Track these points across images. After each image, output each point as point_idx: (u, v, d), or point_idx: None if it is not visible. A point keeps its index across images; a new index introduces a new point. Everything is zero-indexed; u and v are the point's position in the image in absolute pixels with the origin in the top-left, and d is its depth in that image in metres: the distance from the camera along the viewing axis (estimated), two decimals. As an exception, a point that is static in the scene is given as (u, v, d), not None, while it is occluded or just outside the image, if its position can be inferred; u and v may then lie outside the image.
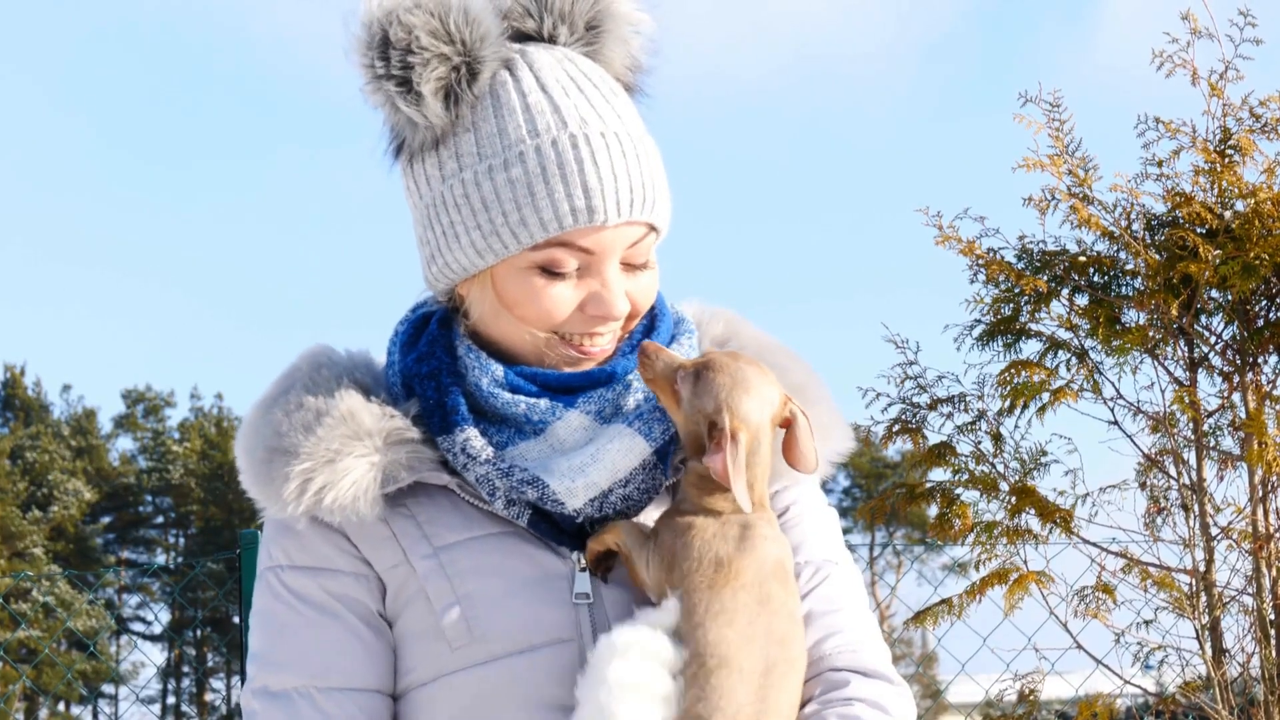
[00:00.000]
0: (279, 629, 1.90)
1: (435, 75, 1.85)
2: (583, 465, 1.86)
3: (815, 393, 2.00)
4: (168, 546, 53.72)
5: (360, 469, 1.85)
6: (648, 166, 1.89)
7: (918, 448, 5.08)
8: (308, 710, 1.85)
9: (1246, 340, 4.78)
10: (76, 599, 42.55)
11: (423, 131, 1.88)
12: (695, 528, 1.81)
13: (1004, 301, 4.94)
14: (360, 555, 1.91)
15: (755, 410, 1.83)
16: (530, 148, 1.85)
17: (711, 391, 1.83)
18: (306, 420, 1.88)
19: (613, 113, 1.89)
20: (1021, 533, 4.93)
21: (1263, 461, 4.61)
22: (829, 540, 2.02)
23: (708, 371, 1.84)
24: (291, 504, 1.85)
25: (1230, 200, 4.72)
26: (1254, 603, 4.76)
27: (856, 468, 49.58)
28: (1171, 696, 4.98)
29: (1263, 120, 4.78)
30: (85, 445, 51.89)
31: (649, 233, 1.91)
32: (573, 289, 1.89)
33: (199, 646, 49.03)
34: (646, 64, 2.00)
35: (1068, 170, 4.81)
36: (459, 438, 1.89)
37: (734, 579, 1.79)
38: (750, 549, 1.81)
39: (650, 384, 1.88)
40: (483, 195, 1.86)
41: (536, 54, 1.92)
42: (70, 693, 41.61)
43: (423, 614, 1.87)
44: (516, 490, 1.86)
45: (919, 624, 5.24)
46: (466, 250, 1.89)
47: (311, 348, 2.00)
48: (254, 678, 1.90)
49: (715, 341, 2.07)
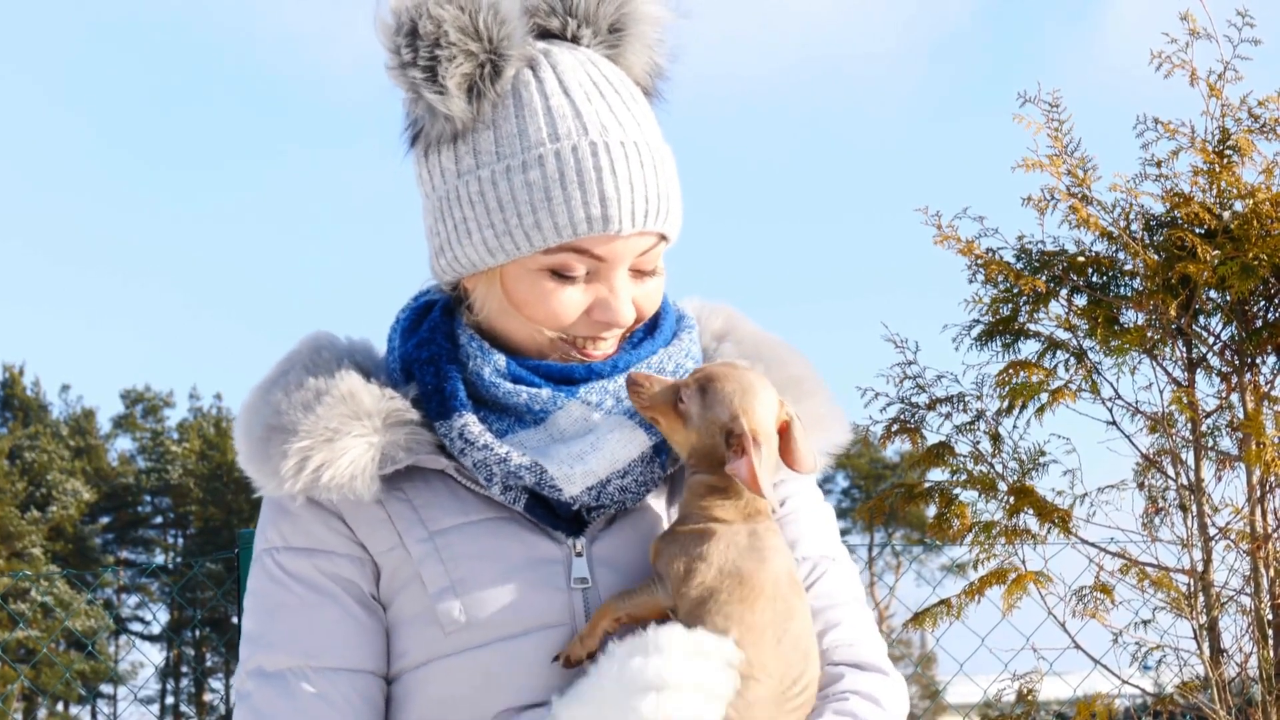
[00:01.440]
0: (274, 610, 1.91)
1: (461, 70, 1.86)
2: (582, 453, 1.88)
3: (811, 385, 2.02)
4: (166, 546, 53.70)
5: (359, 448, 1.86)
6: (664, 177, 1.91)
7: (916, 448, 5.08)
8: (302, 690, 1.86)
9: (1245, 341, 4.78)
10: (75, 599, 42.53)
11: (443, 123, 1.89)
12: (708, 538, 1.82)
13: (1003, 301, 4.94)
14: (355, 538, 1.92)
15: (765, 413, 1.86)
16: (550, 152, 1.86)
17: (723, 401, 1.84)
18: (306, 399, 1.89)
19: (632, 120, 1.91)
20: (1020, 533, 4.93)
21: (1261, 462, 4.61)
22: (825, 535, 2.04)
23: (714, 383, 1.86)
24: (289, 481, 1.86)
25: (1229, 201, 4.73)
26: (1252, 603, 4.76)
27: (855, 468, 49.56)
28: (1169, 697, 4.98)
29: (1261, 120, 4.78)
30: (84, 445, 51.87)
31: (659, 241, 1.93)
32: (581, 293, 1.90)
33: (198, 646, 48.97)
34: (667, 69, 2.02)
35: (1067, 170, 4.81)
36: (457, 422, 1.90)
37: (760, 593, 1.81)
38: (765, 561, 1.83)
39: (646, 411, 1.89)
40: (499, 195, 1.87)
41: (560, 54, 1.94)
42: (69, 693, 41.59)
43: (417, 597, 1.88)
44: (514, 476, 1.88)
45: (918, 625, 5.24)
46: (478, 247, 1.90)
47: (312, 333, 2.02)
48: (248, 658, 1.91)
49: (715, 336, 2.09)
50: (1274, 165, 4.72)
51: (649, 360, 1.96)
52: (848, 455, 5.44)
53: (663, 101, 2.01)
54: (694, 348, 2.02)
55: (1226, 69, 4.80)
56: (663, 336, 1.99)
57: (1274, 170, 4.71)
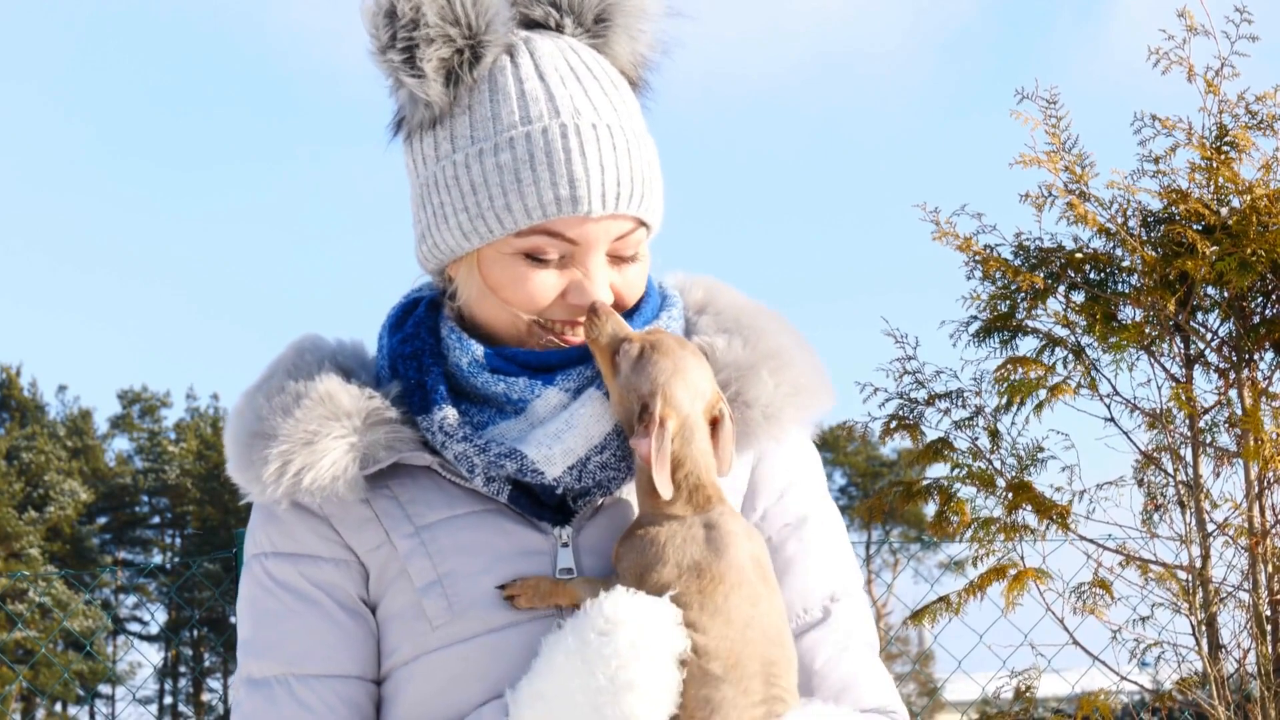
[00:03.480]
0: (260, 616, 1.92)
1: (438, 55, 1.87)
2: (558, 432, 1.87)
3: (790, 355, 1.98)
4: (164, 546, 53.66)
5: (339, 450, 1.86)
6: (639, 161, 1.90)
7: (915, 444, 5.08)
8: (285, 698, 1.87)
9: (1243, 336, 4.78)
10: (73, 599, 42.46)
11: (422, 109, 1.90)
12: (661, 536, 1.80)
13: (1000, 298, 4.94)
14: (342, 541, 1.92)
15: (688, 399, 1.83)
16: (520, 134, 1.86)
17: (649, 374, 1.82)
18: (285, 403, 1.90)
19: (609, 105, 1.90)
20: (1019, 529, 4.93)
21: (1259, 457, 4.61)
22: (836, 570, 2.01)
23: (652, 353, 1.84)
24: (271, 486, 1.87)
25: (1226, 196, 4.72)
26: (1250, 598, 4.76)
27: (852, 466, 49.55)
28: (1168, 693, 4.98)
29: (1259, 116, 4.78)
30: (81, 446, 51.82)
31: (638, 227, 1.92)
32: (555, 277, 1.90)
33: (195, 646, 48.92)
34: (653, 60, 2.01)
35: (1064, 167, 4.81)
36: (437, 416, 1.90)
37: (720, 583, 1.78)
38: (724, 550, 1.80)
39: (592, 344, 1.87)
40: (471, 178, 1.88)
41: (540, 42, 1.94)
42: (67, 693, 41.55)
43: (404, 593, 1.88)
44: (495, 465, 1.87)
45: (917, 622, 5.24)
46: (454, 231, 1.91)
47: (299, 336, 2.03)
48: (241, 665, 1.92)
49: (695, 308, 2.06)
50: (1272, 161, 4.72)
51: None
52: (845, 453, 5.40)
53: (650, 92, 2.01)
54: (675, 325, 2.01)
55: (1224, 65, 4.80)
56: (643, 319, 1.98)
57: (1272, 166, 4.71)
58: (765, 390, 1.94)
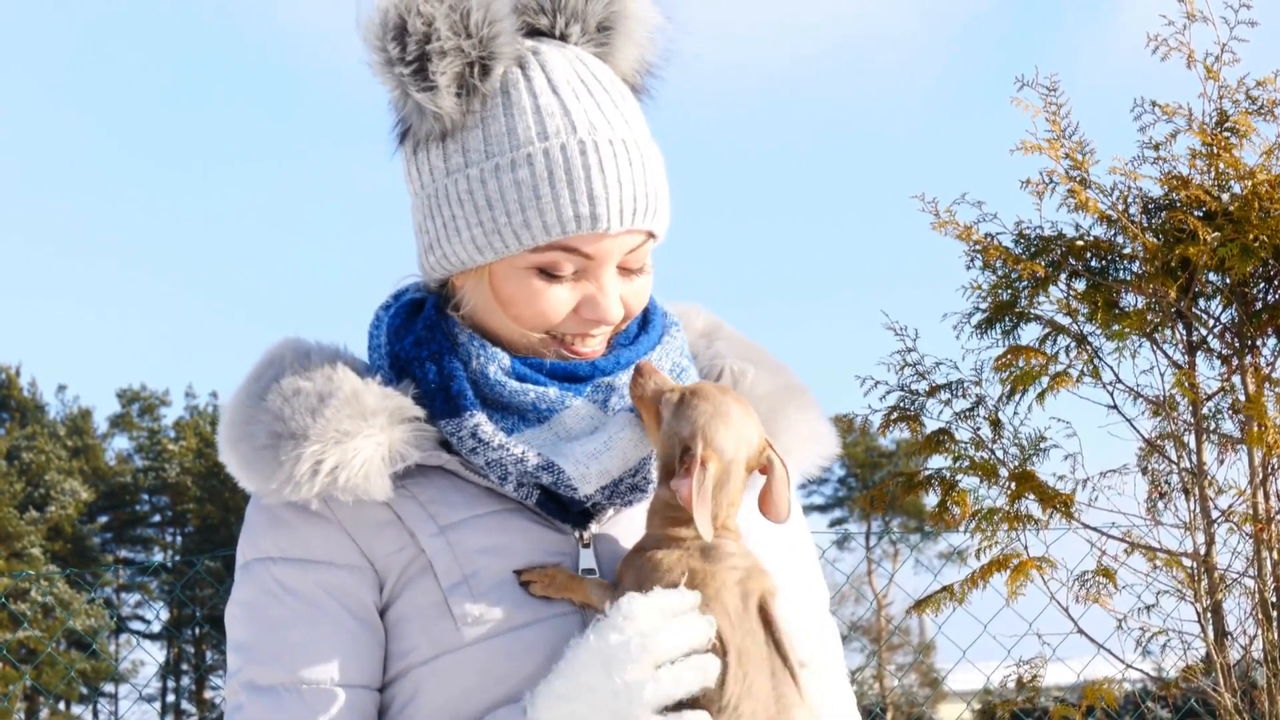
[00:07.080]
0: (268, 623, 1.90)
1: (452, 68, 1.87)
2: (596, 453, 1.89)
3: (808, 396, 2.04)
4: (165, 545, 53.70)
5: (369, 448, 1.86)
6: (652, 175, 1.91)
7: (915, 435, 5.07)
8: (294, 706, 1.85)
9: (1245, 323, 4.77)
10: (75, 598, 42.53)
11: (431, 122, 1.89)
12: (660, 556, 1.81)
13: (1002, 287, 4.92)
14: (357, 546, 1.91)
15: (730, 444, 1.83)
16: (539, 150, 1.86)
17: (690, 417, 1.84)
18: (310, 404, 1.88)
19: (621, 119, 1.91)
20: (1022, 518, 4.93)
21: (1263, 444, 4.60)
22: (811, 609, 2.03)
23: (692, 398, 1.85)
24: (305, 485, 1.85)
25: (1228, 183, 4.71)
26: (1255, 585, 4.76)
27: (851, 457, 49.56)
28: (1173, 681, 4.97)
29: (1259, 102, 4.77)
30: (81, 445, 51.86)
31: (647, 239, 1.94)
32: (569, 291, 1.91)
33: (198, 644, 48.97)
34: (656, 67, 2.02)
35: (1065, 154, 4.80)
36: (469, 422, 1.90)
37: (712, 580, 1.79)
38: (717, 560, 1.81)
39: (637, 402, 1.90)
40: (487, 193, 1.88)
41: (549, 53, 1.94)
42: (71, 692, 41.58)
43: (427, 593, 1.87)
44: (529, 475, 1.88)
45: (920, 612, 5.23)
46: (466, 245, 1.90)
47: (284, 339, 2.01)
48: (240, 670, 1.90)
49: (702, 335, 2.10)
50: (1273, 147, 4.71)
51: (650, 355, 1.97)
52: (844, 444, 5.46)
53: (652, 100, 2.02)
54: (686, 346, 2.04)
55: (1224, 51, 4.78)
56: (655, 333, 2.01)
57: (1273, 151, 4.69)
58: (792, 428, 2.00)
